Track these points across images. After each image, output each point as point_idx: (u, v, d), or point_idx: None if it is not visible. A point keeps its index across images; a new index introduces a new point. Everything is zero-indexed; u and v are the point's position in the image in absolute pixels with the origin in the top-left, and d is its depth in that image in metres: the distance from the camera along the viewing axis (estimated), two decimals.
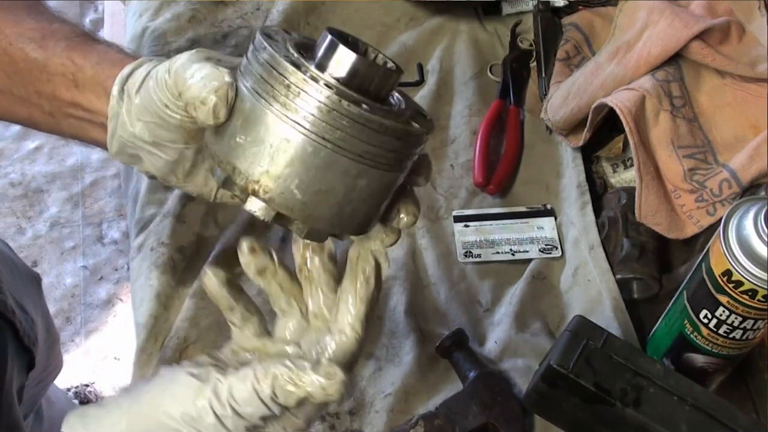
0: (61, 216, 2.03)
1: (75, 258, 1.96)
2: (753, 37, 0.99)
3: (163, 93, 0.60)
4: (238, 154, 0.57)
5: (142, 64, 0.64)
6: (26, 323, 0.92)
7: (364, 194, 0.58)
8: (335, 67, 0.56)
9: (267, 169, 0.56)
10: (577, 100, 0.97)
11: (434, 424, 0.78)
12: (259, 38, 0.58)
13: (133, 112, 0.63)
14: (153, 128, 0.63)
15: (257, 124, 0.56)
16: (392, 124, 0.56)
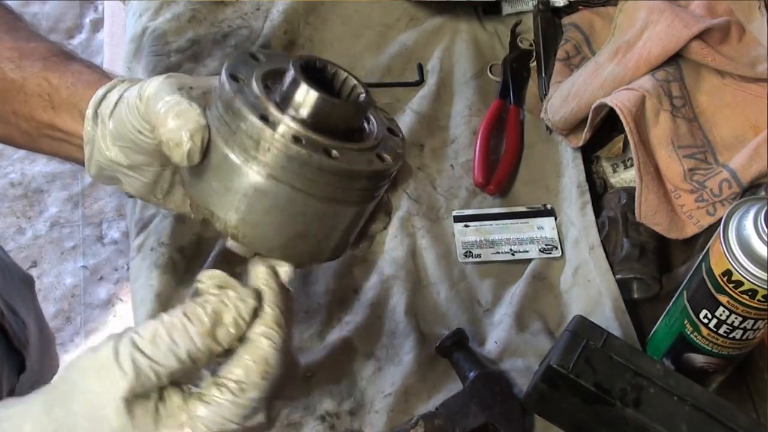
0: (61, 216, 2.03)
1: (75, 258, 1.96)
2: (753, 37, 0.99)
3: (136, 120, 0.60)
4: (213, 200, 0.58)
5: (115, 86, 0.64)
6: (16, 325, 0.92)
7: (340, 228, 0.59)
8: (300, 105, 0.56)
9: (243, 217, 0.57)
10: (577, 100, 0.97)
11: (434, 424, 0.78)
12: (224, 80, 0.58)
13: (108, 137, 0.63)
14: (128, 152, 0.62)
15: (229, 172, 0.56)
16: (361, 169, 0.56)
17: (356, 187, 0.57)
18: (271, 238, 0.58)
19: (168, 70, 1.06)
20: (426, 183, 0.99)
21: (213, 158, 0.58)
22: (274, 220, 0.57)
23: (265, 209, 0.57)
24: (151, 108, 0.59)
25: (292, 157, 0.54)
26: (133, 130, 0.61)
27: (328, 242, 0.60)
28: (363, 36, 1.13)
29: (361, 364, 0.86)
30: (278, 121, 0.55)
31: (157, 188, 0.66)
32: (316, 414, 0.82)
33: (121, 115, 0.61)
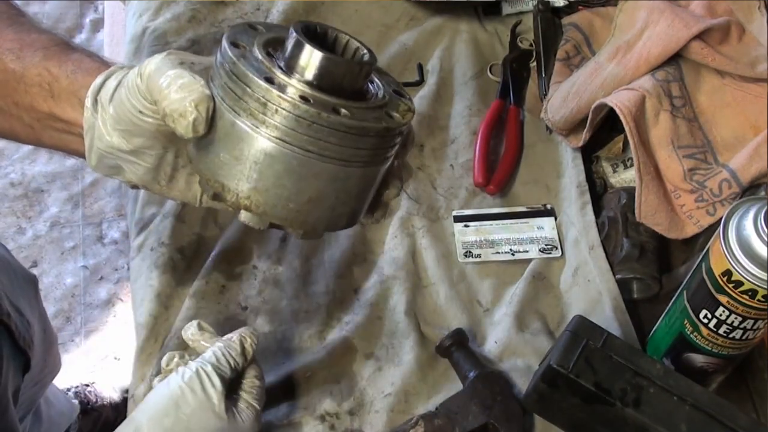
0: (61, 216, 2.03)
1: (75, 258, 1.96)
2: (753, 37, 0.99)
3: (136, 99, 0.60)
4: (224, 171, 0.57)
5: (113, 72, 0.64)
6: (22, 325, 0.92)
7: (353, 192, 0.58)
8: (305, 68, 0.55)
9: (255, 186, 0.56)
10: (577, 100, 0.97)
11: (434, 424, 0.78)
12: (225, 47, 0.57)
13: (108, 122, 0.63)
14: (129, 136, 0.63)
15: (238, 141, 0.55)
16: (371, 125, 0.55)
17: (367, 145, 0.56)
18: (284, 206, 0.56)
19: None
20: (426, 183, 0.99)
21: (219, 128, 0.56)
22: (286, 185, 0.56)
23: (276, 175, 0.55)
24: (153, 83, 0.59)
25: (301, 118, 0.53)
26: (133, 110, 0.61)
27: (342, 208, 0.58)
28: (363, 36, 1.11)
29: (361, 364, 0.86)
30: (285, 83, 0.54)
31: (160, 174, 0.66)
32: (316, 414, 0.82)
33: (121, 97, 0.61)
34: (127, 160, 0.65)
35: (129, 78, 0.61)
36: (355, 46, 0.60)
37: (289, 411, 0.82)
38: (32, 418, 1.19)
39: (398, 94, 0.61)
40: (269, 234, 0.94)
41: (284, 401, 0.83)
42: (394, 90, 0.61)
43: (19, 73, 0.66)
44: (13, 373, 0.89)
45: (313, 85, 0.55)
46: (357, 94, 0.58)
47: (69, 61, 0.67)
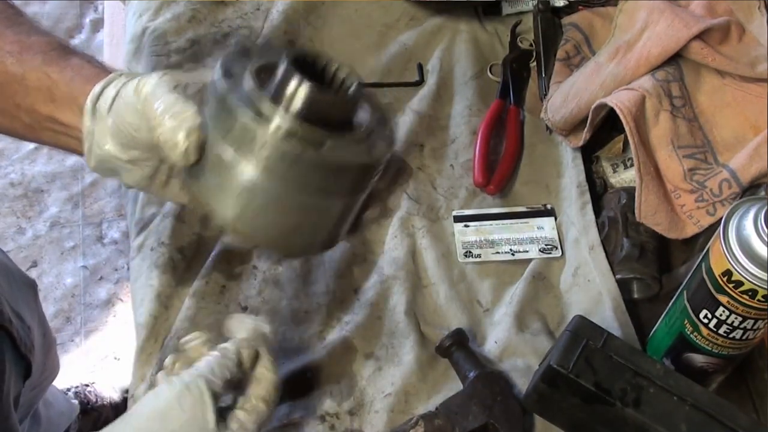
0: (61, 216, 2.03)
1: (75, 258, 1.96)
2: (753, 37, 0.99)
3: (133, 117, 0.62)
4: (212, 196, 0.59)
5: (112, 81, 0.65)
6: (23, 331, 0.92)
7: (334, 219, 0.60)
8: (293, 98, 0.57)
9: (239, 213, 0.58)
10: (577, 100, 0.97)
11: (434, 424, 0.78)
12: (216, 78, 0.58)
13: (106, 131, 0.64)
14: (126, 148, 0.64)
15: (226, 170, 0.57)
16: (353, 161, 0.57)
17: (348, 178, 0.58)
18: (266, 233, 0.59)
19: (168, 69, 1.06)
20: (426, 183, 0.99)
21: (210, 156, 0.58)
22: (269, 215, 0.58)
23: (260, 205, 0.57)
24: (148, 107, 0.60)
25: (286, 153, 0.55)
26: (130, 127, 0.62)
27: (322, 234, 0.61)
28: (363, 36, 1.13)
29: (361, 364, 0.86)
30: (271, 117, 0.55)
31: (156, 180, 0.68)
32: (316, 414, 0.82)
33: (119, 111, 0.63)
34: (124, 167, 0.66)
35: (127, 93, 0.63)
36: (343, 75, 0.61)
37: (289, 411, 0.82)
38: (30, 421, 1.19)
39: (382, 121, 0.62)
40: None
41: (284, 401, 0.83)
42: (379, 117, 0.62)
43: (20, 76, 0.67)
44: (14, 379, 0.89)
45: (300, 116, 0.56)
46: (343, 123, 0.59)
47: (68, 66, 0.68)
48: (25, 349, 0.92)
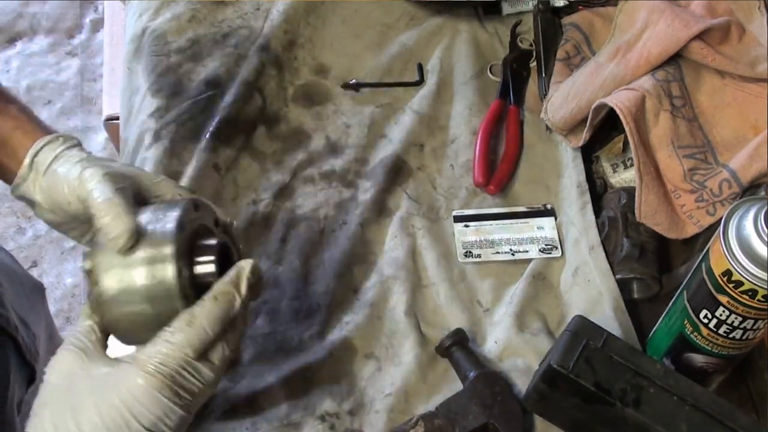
0: None
1: (75, 258, 1.96)
2: (753, 37, 0.99)
3: (70, 196, 0.68)
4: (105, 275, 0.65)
5: (50, 142, 0.72)
6: (28, 338, 0.93)
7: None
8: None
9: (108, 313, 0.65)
10: (577, 100, 0.97)
11: (434, 424, 0.78)
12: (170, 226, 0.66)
13: (38, 186, 0.72)
14: (52, 207, 0.71)
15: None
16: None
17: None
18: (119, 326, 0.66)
19: (168, 70, 1.06)
20: (426, 183, 0.99)
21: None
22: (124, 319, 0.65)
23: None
24: (91, 200, 0.66)
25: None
26: (63, 199, 0.69)
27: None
28: (363, 36, 1.13)
29: (361, 364, 0.86)
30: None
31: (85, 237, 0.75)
32: (316, 414, 0.82)
33: (56, 181, 0.70)
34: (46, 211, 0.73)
35: (68, 172, 0.69)
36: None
37: (289, 411, 0.82)
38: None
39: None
40: (269, 234, 0.94)
41: (284, 401, 0.83)
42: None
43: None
44: (18, 385, 0.89)
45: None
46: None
47: (9, 116, 0.74)
48: (29, 357, 0.92)
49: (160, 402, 0.60)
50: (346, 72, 1.09)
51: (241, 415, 0.82)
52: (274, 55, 1.09)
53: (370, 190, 0.98)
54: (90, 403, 0.60)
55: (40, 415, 0.61)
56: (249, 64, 1.07)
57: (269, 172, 1.00)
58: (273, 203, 0.97)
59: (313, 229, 0.95)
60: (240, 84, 1.05)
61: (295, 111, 1.06)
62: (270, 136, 1.03)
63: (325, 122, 1.05)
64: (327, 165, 1.01)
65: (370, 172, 1.00)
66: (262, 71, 1.07)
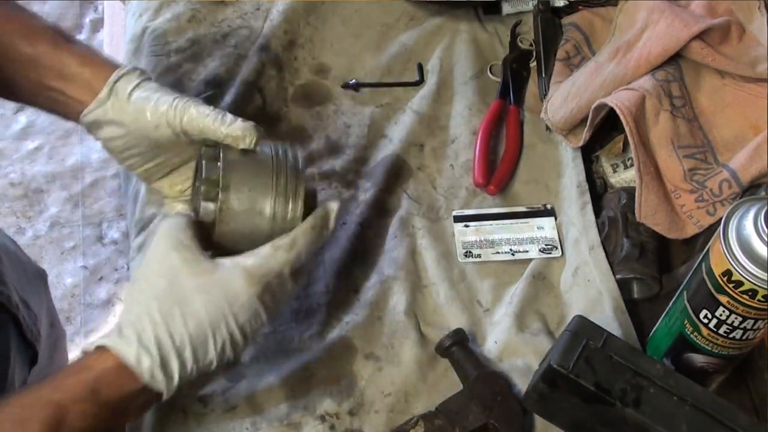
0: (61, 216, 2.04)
1: (75, 258, 1.96)
2: (753, 37, 0.99)
3: (161, 119, 0.74)
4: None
5: (127, 73, 0.77)
6: (29, 318, 0.93)
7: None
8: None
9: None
10: (577, 100, 0.97)
11: (434, 424, 0.78)
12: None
13: (119, 110, 0.76)
14: (134, 130, 0.76)
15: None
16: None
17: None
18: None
19: (168, 70, 1.06)
20: (426, 183, 0.99)
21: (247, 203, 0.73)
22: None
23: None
24: (200, 118, 0.73)
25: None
26: (150, 125, 0.75)
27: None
28: (363, 36, 1.13)
29: (361, 364, 0.86)
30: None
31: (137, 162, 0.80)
32: (316, 414, 0.82)
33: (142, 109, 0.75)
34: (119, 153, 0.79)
35: (158, 98, 0.75)
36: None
37: (289, 411, 0.82)
38: None
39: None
40: None
41: (284, 401, 0.83)
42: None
43: (33, 56, 0.77)
44: (20, 366, 0.89)
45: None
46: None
47: (76, 51, 0.78)
48: (31, 336, 0.92)
49: (256, 306, 0.69)
50: (346, 72, 1.09)
51: (241, 415, 0.82)
52: (274, 55, 1.09)
53: (370, 190, 0.98)
54: (198, 300, 0.67)
55: (147, 304, 0.67)
56: (249, 64, 1.07)
57: None
58: None
59: None
60: (240, 84, 1.05)
61: (295, 111, 1.06)
62: (270, 136, 1.03)
63: (325, 122, 1.05)
64: (327, 165, 1.01)
65: (370, 172, 1.00)
66: (262, 71, 1.07)
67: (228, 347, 0.69)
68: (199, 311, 0.67)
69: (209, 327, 0.67)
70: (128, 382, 0.66)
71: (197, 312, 0.67)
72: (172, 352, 0.67)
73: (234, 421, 0.82)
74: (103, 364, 0.66)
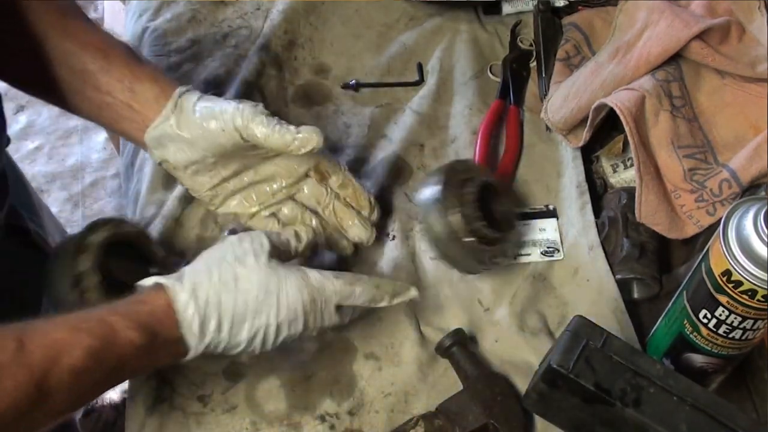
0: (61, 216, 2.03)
1: None
2: (753, 37, 0.99)
3: (227, 124, 0.79)
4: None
5: (189, 90, 0.83)
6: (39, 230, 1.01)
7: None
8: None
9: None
10: (577, 100, 0.97)
11: (434, 424, 0.78)
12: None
13: (186, 122, 0.80)
14: (201, 139, 0.80)
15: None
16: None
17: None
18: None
19: (168, 70, 1.06)
20: None
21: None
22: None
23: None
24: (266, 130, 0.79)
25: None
26: (217, 130, 0.79)
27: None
28: (363, 36, 1.13)
29: (361, 364, 0.86)
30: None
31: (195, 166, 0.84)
32: (316, 414, 0.82)
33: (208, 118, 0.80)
34: (178, 146, 0.82)
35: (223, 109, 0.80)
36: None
37: (289, 411, 0.82)
38: None
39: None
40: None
41: (284, 401, 0.83)
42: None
43: (106, 68, 0.82)
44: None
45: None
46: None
47: (147, 68, 0.83)
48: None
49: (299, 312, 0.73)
50: (346, 72, 1.09)
51: (241, 415, 0.82)
52: (274, 55, 1.09)
53: (370, 190, 0.98)
54: (254, 281, 0.72)
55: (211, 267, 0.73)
56: (249, 64, 1.07)
57: None
58: None
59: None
60: (240, 84, 1.05)
61: (295, 111, 1.06)
62: None
63: (325, 122, 1.05)
64: None
65: (370, 172, 1.00)
66: (262, 71, 1.07)
67: (259, 337, 0.73)
68: (251, 291, 0.72)
69: (254, 309, 0.72)
70: (169, 328, 0.69)
71: (249, 291, 0.72)
72: (215, 314, 0.70)
73: (234, 421, 0.82)
74: (157, 301, 0.70)
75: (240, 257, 0.73)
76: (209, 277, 0.72)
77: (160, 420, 0.82)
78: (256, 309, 0.72)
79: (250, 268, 0.73)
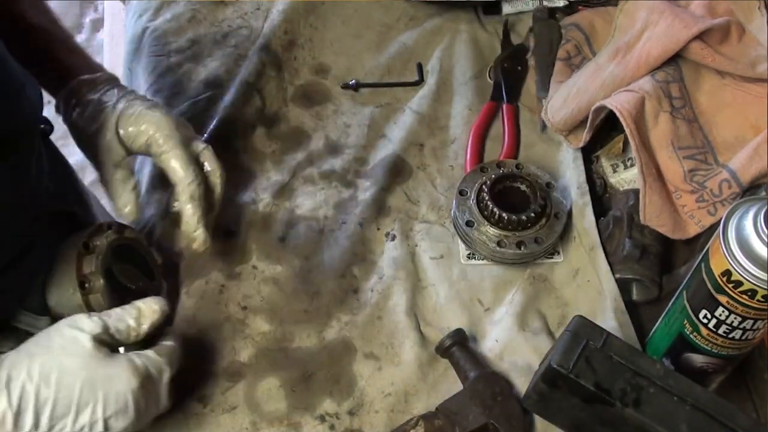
0: None
1: None
2: (753, 37, 0.99)
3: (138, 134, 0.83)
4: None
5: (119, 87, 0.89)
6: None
7: None
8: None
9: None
10: (577, 101, 0.97)
11: (434, 424, 0.78)
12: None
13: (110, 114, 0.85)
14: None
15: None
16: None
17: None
18: None
19: (168, 70, 1.06)
20: (426, 183, 0.99)
21: None
22: None
23: None
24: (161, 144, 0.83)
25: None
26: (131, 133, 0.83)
27: None
28: (363, 36, 1.13)
29: (361, 364, 0.86)
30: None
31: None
32: (316, 414, 0.82)
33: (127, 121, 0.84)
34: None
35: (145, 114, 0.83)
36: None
37: (289, 411, 0.82)
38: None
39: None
40: (269, 234, 0.94)
41: (284, 401, 0.83)
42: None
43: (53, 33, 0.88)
44: None
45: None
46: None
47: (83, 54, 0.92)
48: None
49: (129, 400, 0.71)
50: (346, 72, 1.09)
51: (241, 415, 0.82)
52: (274, 55, 1.09)
53: (370, 190, 0.98)
54: (79, 375, 0.69)
55: (32, 359, 0.69)
56: (249, 64, 1.07)
57: (269, 172, 1.00)
58: (273, 203, 0.97)
59: (313, 229, 0.95)
60: (240, 84, 1.05)
61: (295, 111, 1.06)
62: (269, 136, 1.03)
63: (325, 122, 1.05)
64: (327, 165, 1.01)
65: (369, 172, 1.00)
66: (262, 71, 1.07)
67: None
68: (73, 386, 0.68)
69: (77, 404, 0.69)
70: None
71: (71, 386, 0.68)
72: (30, 408, 0.67)
73: (234, 422, 0.82)
74: None
75: (65, 346, 0.70)
76: (27, 371, 0.68)
77: (160, 420, 0.81)
78: (79, 403, 0.69)
79: (75, 359, 0.69)
